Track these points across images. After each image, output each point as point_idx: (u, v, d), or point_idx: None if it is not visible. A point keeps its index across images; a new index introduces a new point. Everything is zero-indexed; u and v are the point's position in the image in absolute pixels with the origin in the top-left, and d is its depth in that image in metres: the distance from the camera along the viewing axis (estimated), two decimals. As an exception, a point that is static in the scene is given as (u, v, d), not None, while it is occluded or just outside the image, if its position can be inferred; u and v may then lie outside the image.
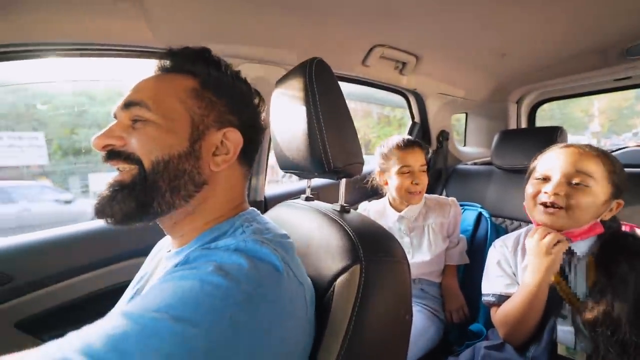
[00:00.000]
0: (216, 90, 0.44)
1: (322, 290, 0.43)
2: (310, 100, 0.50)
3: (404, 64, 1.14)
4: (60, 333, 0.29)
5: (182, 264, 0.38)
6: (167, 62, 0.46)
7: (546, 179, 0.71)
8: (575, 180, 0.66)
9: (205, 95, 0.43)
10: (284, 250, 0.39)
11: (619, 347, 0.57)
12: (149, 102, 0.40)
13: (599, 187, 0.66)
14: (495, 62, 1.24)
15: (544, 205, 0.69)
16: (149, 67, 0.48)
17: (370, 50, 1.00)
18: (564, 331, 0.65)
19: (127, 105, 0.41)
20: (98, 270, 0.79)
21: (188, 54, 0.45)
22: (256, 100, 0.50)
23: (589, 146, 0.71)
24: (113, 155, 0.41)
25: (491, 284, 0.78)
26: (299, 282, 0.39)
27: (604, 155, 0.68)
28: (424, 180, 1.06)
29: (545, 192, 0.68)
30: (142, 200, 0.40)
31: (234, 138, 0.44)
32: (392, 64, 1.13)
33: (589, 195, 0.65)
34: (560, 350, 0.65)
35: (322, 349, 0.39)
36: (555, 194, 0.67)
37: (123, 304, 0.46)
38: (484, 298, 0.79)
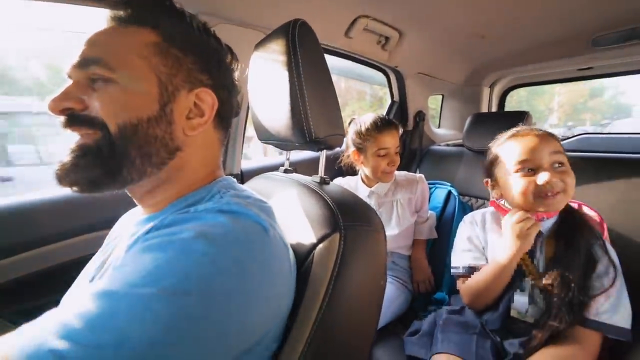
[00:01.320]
0: (182, 46, 0.40)
1: (302, 257, 0.43)
2: (293, 64, 0.47)
3: (387, 38, 1.12)
4: (19, 308, 0.27)
5: (156, 229, 0.36)
6: (122, 13, 0.40)
7: (530, 171, 0.70)
8: (556, 164, 0.69)
9: (170, 51, 0.39)
10: (266, 213, 0.39)
11: (567, 306, 0.64)
12: (108, 59, 0.36)
13: (568, 164, 0.71)
14: (474, 45, 1.26)
15: (544, 195, 0.69)
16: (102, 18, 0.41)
17: (354, 21, 0.97)
18: (519, 301, 0.72)
19: (84, 63, 0.36)
20: (60, 242, 0.73)
21: (145, 3, 0.40)
22: (228, 58, 0.46)
23: (537, 128, 0.75)
24: (73, 120, 0.36)
25: (461, 257, 0.83)
26: (284, 243, 0.39)
27: (554, 135, 0.73)
28: (398, 160, 1.09)
29: (546, 183, 0.67)
30: (110, 166, 0.37)
31: (208, 99, 0.41)
32: (375, 38, 1.11)
33: (570, 174, 0.70)
34: (513, 313, 0.73)
35: (300, 312, 0.40)
36: (555, 182, 0.67)
37: (87, 279, 0.42)
38: (453, 270, 0.83)
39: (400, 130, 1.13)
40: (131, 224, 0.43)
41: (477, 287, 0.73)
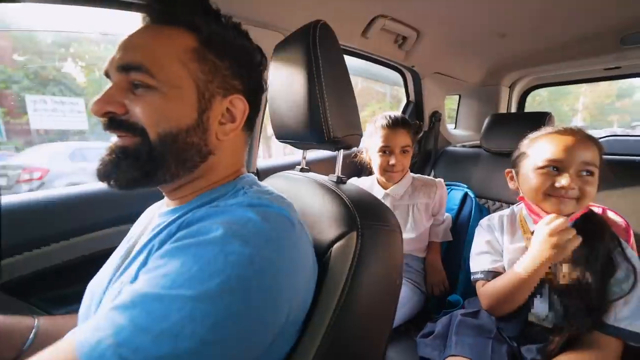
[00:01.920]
0: (218, 50, 0.40)
1: (320, 255, 0.44)
2: (313, 65, 0.48)
3: (404, 38, 1.11)
4: (46, 296, 0.28)
5: (186, 224, 0.37)
6: (158, 12, 0.40)
7: (554, 170, 0.69)
8: (583, 171, 0.67)
9: (207, 57, 0.39)
10: (291, 208, 0.41)
11: (585, 310, 0.62)
12: (150, 66, 0.36)
13: (597, 174, 0.68)
14: (494, 44, 1.23)
15: (556, 195, 0.68)
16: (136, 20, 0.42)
17: (372, 20, 0.97)
18: (539, 306, 0.70)
19: (125, 68, 0.37)
20: (86, 234, 0.77)
21: (184, 2, 0.39)
22: (258, 59, 0.45)
23: (581, 131, 0.71)
24: (114, 124, 0.38)
25: (479, 260, 0.80)
26: (308, 238, 0.40)
27: (597, 142, 0.69)
28: (404, 161, 1.06)
29: (562, 187, 0.66)
30: (147, 169, 0.38)
31: (240, 105, 0.42)
32: (392, 38, 1.10)
33: (594, 184, 0.67)
34: (531, 318, 0.71)
35: (318, 307, 0.41)
36: (572, 188, 0.66)
37: (112, 268, 0.44)
38: (473, 276, 0.80)
39: (417, 129, 1.12)
40: (156, 216, 0.46)
41: (498, 294, 0.70)
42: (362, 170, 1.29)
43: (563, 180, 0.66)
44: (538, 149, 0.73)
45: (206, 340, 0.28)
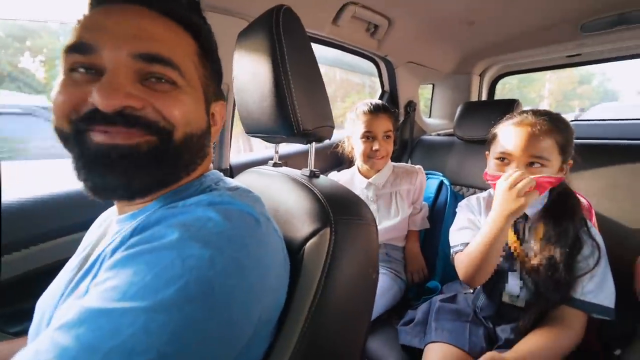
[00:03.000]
0: (210, 56, 0.40)
1: (293, 253, 0.42)
2: (278, 52, 0.45)
3: (375, 27, 1.10)
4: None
5: (140, 229, 0.34)
6: (174, 9, 0.36)
7: (505, 160, 0.73)
8: (534, 163, 0.70)
9: (206, 63, 0.40)
10: (256, 204, 0.38)
11: (554, 284, 0.65)
12: (178, 62, 0.34)
13: (554, 161, 0.70)
14: (463, 32, 1.25)
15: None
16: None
17: (342, 7, 0.94)
18: (512, 283, 0.73)
19: (147, 58, 0.32)
20: (39, 244, 0.70)
21: (189, 7, 0.38)
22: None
23: (543, 117, 0.72)
24: (127, 120, 0.32)
25: (459, 235, 0.81)
26: (277, 234, 0.38)
27: (555, 128, 0.71)
28: (387, 146, 1.07)
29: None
30: (164, 173, 0.37)
31: (222, 110, 0.44)
32: (364, 26, 1.09)
33: (546, 172, 0.69)
34: (504, 299, 0.74)
35: (293, 306, 0.39)
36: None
37: (64, 282, 0.40)
38: (452, 249, 0.81)
39: (397, 116, 1.12)
40: (114, 223, 0.41)
41: (471, 260, 0.71)
42: (342, 161, 1.28)
43: (508, 173, 0.69)
44: (495, 140, 0.78)
45: (165, 353, 0.25)
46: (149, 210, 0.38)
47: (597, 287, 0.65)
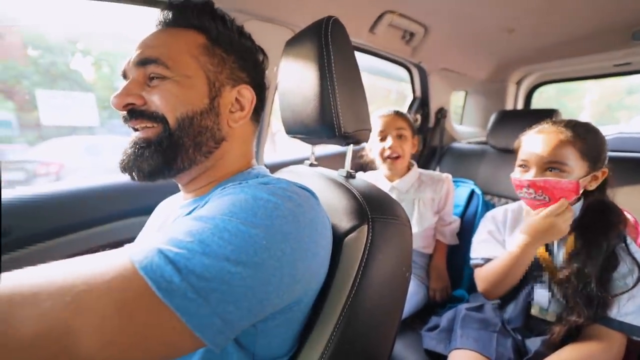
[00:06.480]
0: (226, 47, 0.45)
1: (332, 247, 0.45)
2: (325, 60, 0.49)
3: (411, 34, 1.11)
4: None
5: (204, 203, 0.39)
6: (170, 16, 0.45)
7: (525, 167, 0.75)
8: (551, 168, 0.70)
9: (215, 51, 0.44)
10: (310, 191, 0.42)
11: (585, 299, 0.63)
12: (164, 59, 0.41)
13: (575, 167, 0.69)
14: (501, 39, 1.22)
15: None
16: (150, 17, 0.46)
17: (380, 16, 0.97)
18: (540, 294, 0.71)
19: (143, 62, 0.41)
20: (97, 227, 0.79)
21: (192, 8, 0.44)
22: (260, 57, 0.50)
23: (565, 127, 0.72)
24: (135, 114, 0.41)
25: (479, 248, 0.83)
26: (329, 221, 0.42)
27: (574, 133, 0.70)
28: (402, 145, 1.07)
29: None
30: (168, 156, 0.42)
31: (248, 95, 0.47)
32: (399, 34, 1.10)
33: (566, 179, 0.68)
34: (534, 311, 0.72)
35: (329, 297, 0.42)
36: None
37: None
38: (472, 261, 0.83)
39: (414, 121, 1.14)
40: (175, 208, 0.48)
41: (493, 274, 0.73)
42: (364, 170, 1.30)
43: (527, 177, 0.72)
44: (519, 148, 0.79)
45: (229, 258, 0.29)
46: (207, 197, 0.43)
47: (638, 308, 0.62)
